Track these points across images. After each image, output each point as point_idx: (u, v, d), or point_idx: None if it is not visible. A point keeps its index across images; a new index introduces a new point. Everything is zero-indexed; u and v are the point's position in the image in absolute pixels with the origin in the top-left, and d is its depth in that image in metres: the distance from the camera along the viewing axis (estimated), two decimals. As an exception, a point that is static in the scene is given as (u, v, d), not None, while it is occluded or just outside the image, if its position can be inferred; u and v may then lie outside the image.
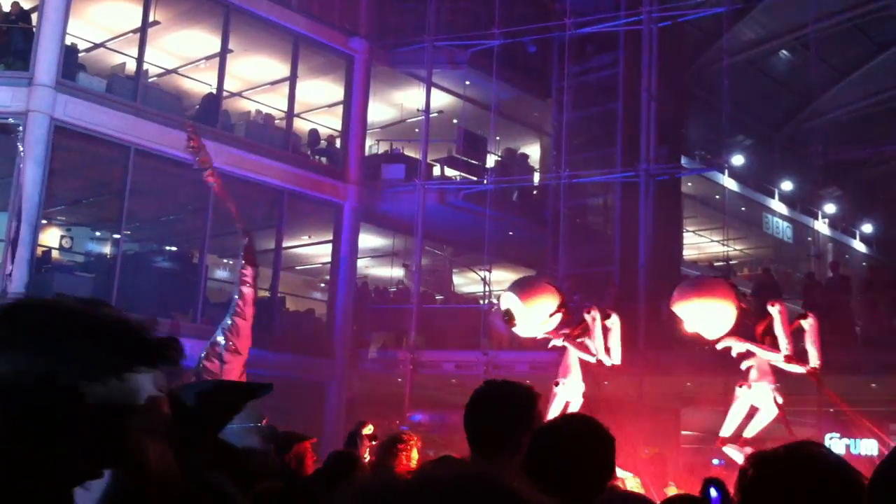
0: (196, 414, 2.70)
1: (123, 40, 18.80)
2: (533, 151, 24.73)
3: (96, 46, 19.10)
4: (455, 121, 22.69)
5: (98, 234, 21.15)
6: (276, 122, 20.75)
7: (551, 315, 9.49)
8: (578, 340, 9.71)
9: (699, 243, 27.99)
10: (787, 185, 28.76)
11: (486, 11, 20.95)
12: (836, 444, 15.62)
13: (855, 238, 31.64)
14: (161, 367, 1.34)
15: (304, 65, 20.34)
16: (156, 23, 18.33)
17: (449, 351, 19.45)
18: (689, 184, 23.97)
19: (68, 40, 16.80)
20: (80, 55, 17.92)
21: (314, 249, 22.62)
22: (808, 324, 9.31)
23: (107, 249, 19.68)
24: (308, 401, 18.28)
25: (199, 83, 19.62)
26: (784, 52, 25.36)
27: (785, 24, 23.33)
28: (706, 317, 9.20)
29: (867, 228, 31.84)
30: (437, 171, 22.19)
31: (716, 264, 25.86)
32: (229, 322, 11.96)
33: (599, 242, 21.38)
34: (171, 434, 1.37)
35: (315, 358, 19.15)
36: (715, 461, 14.82)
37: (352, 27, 20.75)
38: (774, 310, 9.24)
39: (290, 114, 20.18)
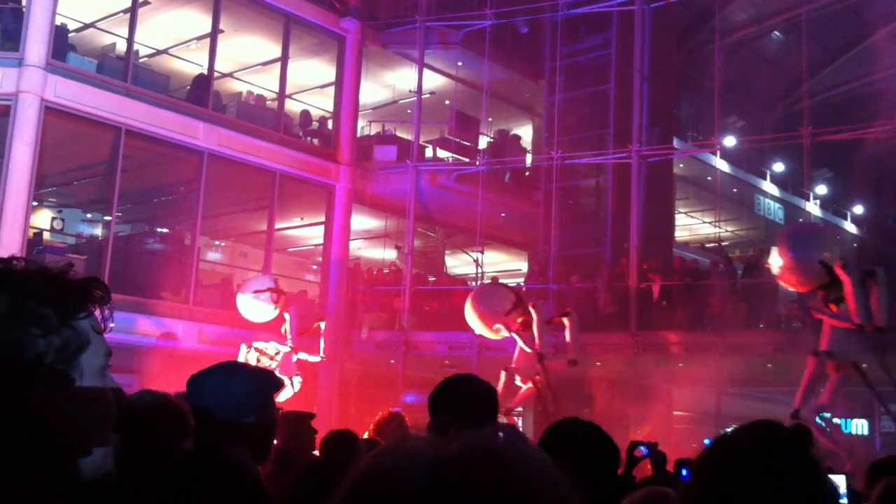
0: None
1: (114, 20, 18.67)
2: (525, 132, 24.68)
3: (86, 27, 18.97)
4: (447, 102, 22.62)
5: (89, 215, 21.06)
6: (268, 102, 20.67)
7: None
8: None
9: (691, 224, 28.05)
10: (778, 167, 28.80)
11: (478, -9, 20.88)
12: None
13: (846, 219, 31.70)
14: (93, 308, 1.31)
15: (295, 45, 20.24)
16: (146, 2, 18.23)
17: (441, 332, 19.46)
18: (682, 165, 23.99)
19: (58, 20, 16.68)
20: (70, 35, 17.80)
21: (306, 231, 22.58)
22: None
23: (98, 231, 19.59)
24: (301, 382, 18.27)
25: (190, 63, 19.53)
26: (776, 33, 25.34)
27: (777, 5, 23.30)
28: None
29: (858, 210, 31.91)
30: (429, 152, 22.15)
31: (707, 245, 25.92)
32: None
33: (591, 223, 21.40)
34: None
35: (307, 339, 19.11)
36: (707, 441, 14.85)
37: (343, 7, 20.64)
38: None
39: (282, 94, 20.10)
